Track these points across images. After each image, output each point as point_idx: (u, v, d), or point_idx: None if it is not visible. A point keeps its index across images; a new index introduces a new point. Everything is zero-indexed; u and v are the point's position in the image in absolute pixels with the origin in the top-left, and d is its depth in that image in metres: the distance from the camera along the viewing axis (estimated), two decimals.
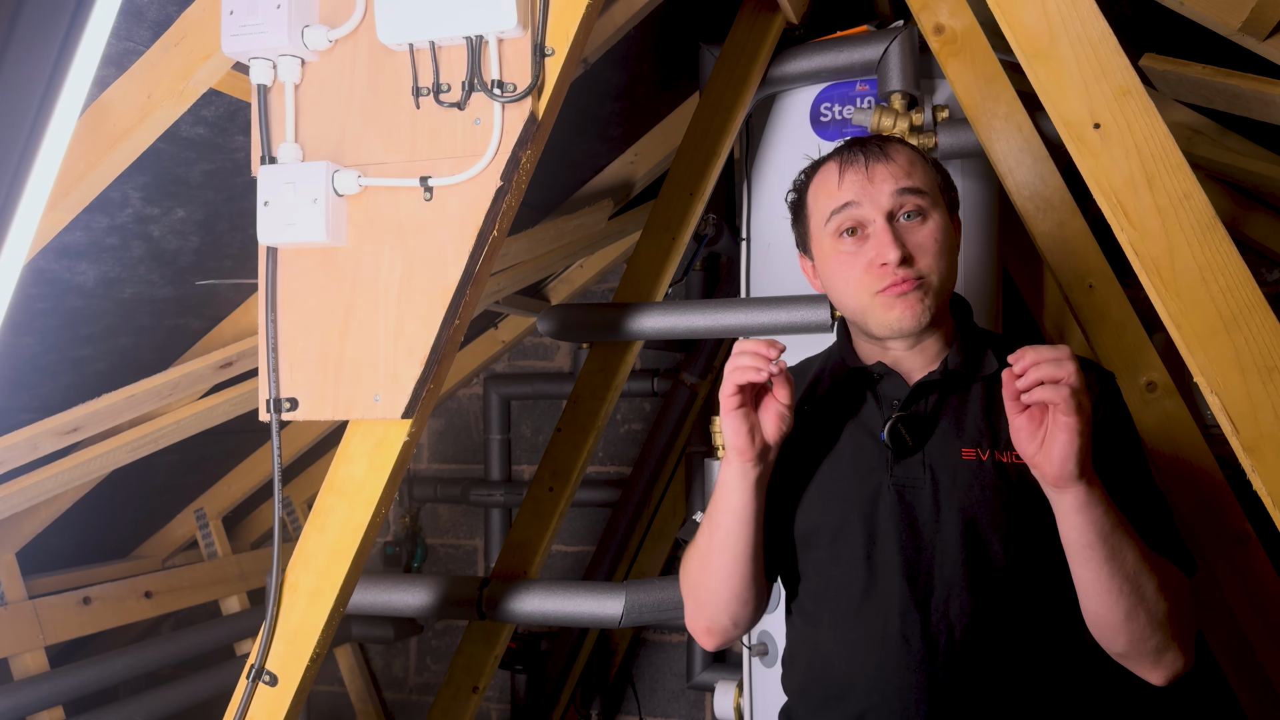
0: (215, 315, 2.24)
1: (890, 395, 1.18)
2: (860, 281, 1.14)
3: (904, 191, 1.13)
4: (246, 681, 1.33)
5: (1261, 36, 1.57)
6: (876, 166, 1.15)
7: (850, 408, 1.21)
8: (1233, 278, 1.26)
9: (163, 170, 1.74)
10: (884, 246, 1.11)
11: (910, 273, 1.11)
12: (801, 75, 2.14)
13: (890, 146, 1.18)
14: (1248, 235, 2.67)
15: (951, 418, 1.16)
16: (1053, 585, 1.12)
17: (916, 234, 1.13)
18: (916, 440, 1.14)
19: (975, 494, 1.11)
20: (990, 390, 1.17)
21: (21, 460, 2.01)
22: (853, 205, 1.14)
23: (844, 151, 1.19)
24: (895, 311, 1.12)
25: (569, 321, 2.14)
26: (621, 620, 1.87)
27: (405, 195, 1.32)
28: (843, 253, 1.16)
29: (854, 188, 1.15)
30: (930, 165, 1.21)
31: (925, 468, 1.13)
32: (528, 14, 1.27)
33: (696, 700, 3.39)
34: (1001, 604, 1.11)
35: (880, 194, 1.14)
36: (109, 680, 2.57)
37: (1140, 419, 1.75)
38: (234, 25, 1.32)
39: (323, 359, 1.33)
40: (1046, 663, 1.13)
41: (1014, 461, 1.11)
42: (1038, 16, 1.36)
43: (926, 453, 1.14)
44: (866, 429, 1.18)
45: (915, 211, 1.14)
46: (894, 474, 1.14)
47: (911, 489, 1.13)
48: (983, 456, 1.12)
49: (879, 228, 1.13)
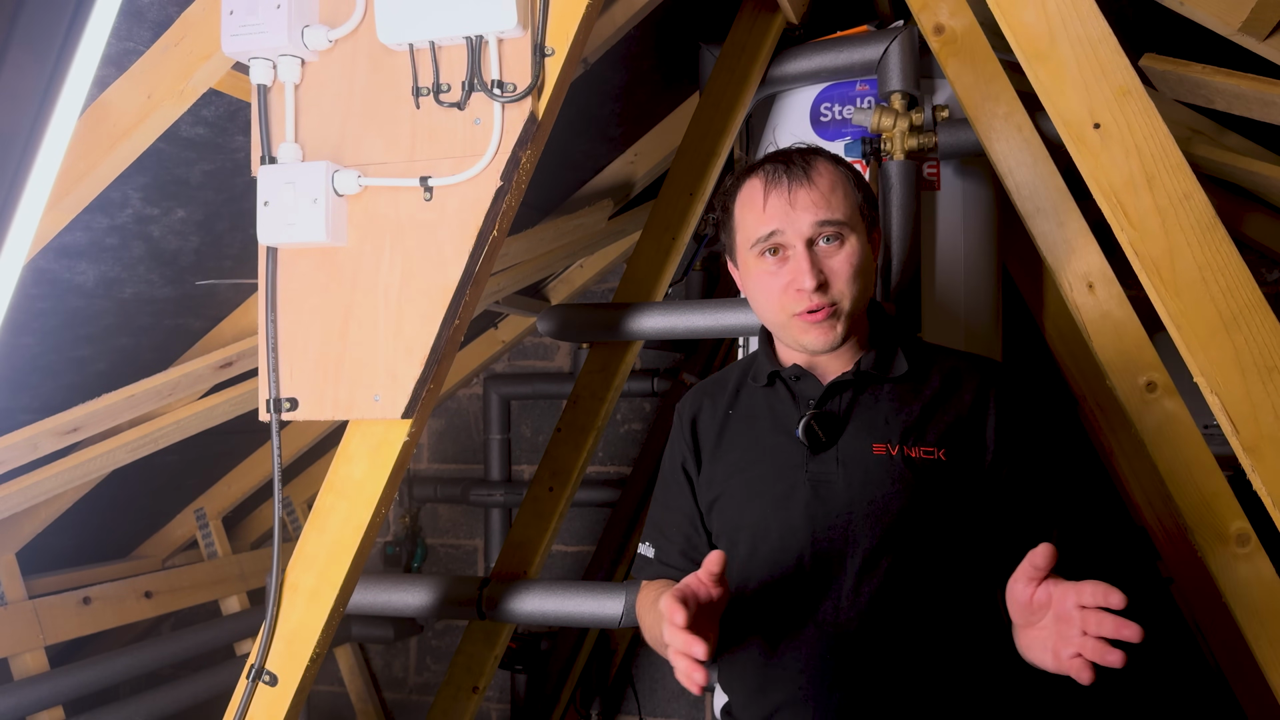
0: (215, 315, 2.24)
1: (806, 395, 1.26)
2: (779, 300, 1.22)
3: (823, 223, 1.20)
4: (246, 681, 1.33)
5: (1261, 36, 1.57)
6: (799, 193, 1.21)
7: (770, 410, 1.29)
8: (1233, 278, 1.26)
9: (163, 170, 1.74)
10: (801, 274, 1.19)
11: (824, 299, 1.19)
12: (801, 75, 2.14)
13: (814, 169, 1.23)
14: (1248, 235, 2.67)
15: (863, 416, 1.23)
16: (960, 574, 1.20)
17: (833, 259, 1.20)
18: (830, 436, 1.21)
19: (885, 487, 1.18)
20: (900, 390, 1.24)
21: (21, 460, 2.01)
22: (776, 233, 1.21)
23: (769, 170, 1.24)
24: (809, 335, 1.21)
25: (569, 321, 2.14)
26: (621, 620, 1.87)
27: (405, 195, 1.32)
28: (764, 271, 1.23)
29: (777, 215, 1.21)
30: (852, 186, 1.25)
31: (838, 463, 1.21)
32: (528, 14, 1.27)
33: (696, 700, 3.40)
34: (910, 592, 1.17)
35: (801, 222, 1.20)
36: (109, 680, 2.57)
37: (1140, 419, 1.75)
38: (234, 25, 1.32)
39: (323, 359, 1.33)
40: (955, 649, 1.19)
41: (921, 456, 1.19)
42: (1038, 16, 1.36)
43: (839, 448, 1.21)
44: (784, 428, 1.25)
45: (833, 236, 1.21)
46: (809, 469, 1.21)
47: (825, 483, 1.21)
48: (892, 451, 1.19)
49: (799, 253, 1.20)
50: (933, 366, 1.26)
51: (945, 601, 1.19)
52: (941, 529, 1.18)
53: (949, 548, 1.19)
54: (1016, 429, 1.22)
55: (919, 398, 1.23)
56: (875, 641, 1.16)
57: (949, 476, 1.19)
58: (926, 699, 1.17)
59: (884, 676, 1.16)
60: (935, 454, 1.19)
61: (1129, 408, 1.76)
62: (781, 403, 1.27)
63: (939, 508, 1.18)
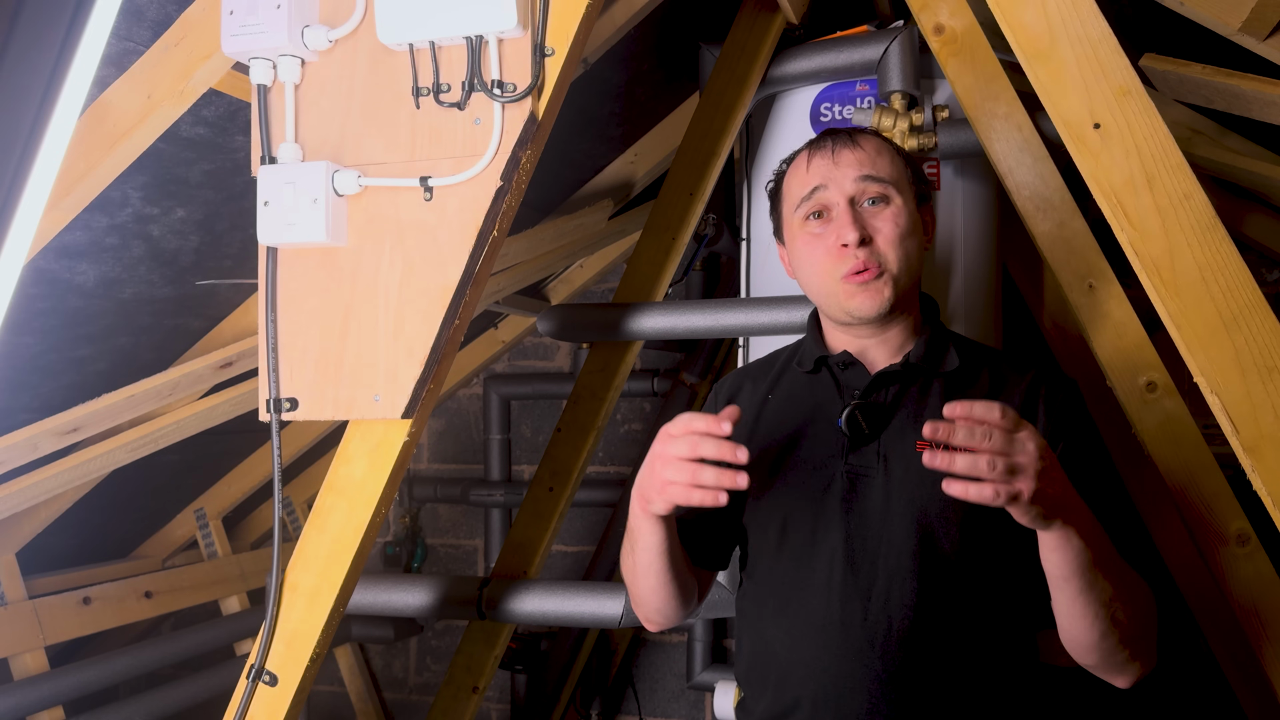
0: (215, 315, 2.24)
1: (852, 385, 1.22)
2: (824, 265, 1.19)
3: (866, 178, 1.18)
4: (246, 681, 1.33)
5: (1261, 36, 1.57)
6: (842, 152, 1.20)
7: (813, 397, 1.25)
8: (1233, 278, 1.26)
9: (163, 170, 1.74)
10: (843, 227, 1.17)
11: (869, 256, 1.16)
12: (801, 75, 2.14)
13: (860, 135, 1.23)
14: (1248, 235, 2.67)
15: (910, 410, 1.18)
16: (999, 581, 1.14)
17: (877, 218, 1.18)
18: (873, 429, 1.17)
19: (927, 486, 1.13)
20: (950, 385, 1.19)
21: (21, 460, 2.01)
22: (819, 189, 1.20)
23: (816, 140, 1.25)
24: (856, 300, 1.17)
25: (569, 321, 2.14)
26: (621, 620, 1.87)
27: (405, 195, 1.32)
28: (809, 234, 1.21)
29: (820, 172, 1.20)
30: (900, 157, 1.24)
31: (879, 457, 1.16)
32: (528, 14, 1.27)
33: (696, 700, 3.39)
34: (945, 597, 1.12)
35: (844, 178, 1.19)
36: (109, 680, 2.57)
37: (1140, 419, 1.75)
38: (234, 25, 1.32)
39: (323, 359, 1.33)
40: (987, 656, 1.14)
41: None
42: (1038, 16, 1.36)
43: (882, 442, 1.17)
44: (827, 417, 1.21)
45: (878, 198, 1.19)
46: (848, 461, 1.17)
47: (864, 477, 1.16)
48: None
49: (841, 210, 1.18)
50: (981, 364, 1.22)
51: (984, 610, 1.14)
52: (980, 534, 1.12)
53: (985, 554, 1.13)
54: (1063, 433, 1.16)
55: (972, 395, 1.17)
56: (903, 649, 1.11)
57: None
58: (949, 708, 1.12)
59: (911, 686, 1.11)
60: None
61: (1129, 408, 1.76)
62: (825, 390, 1.23)
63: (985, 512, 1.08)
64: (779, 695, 1.19)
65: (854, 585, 1.13)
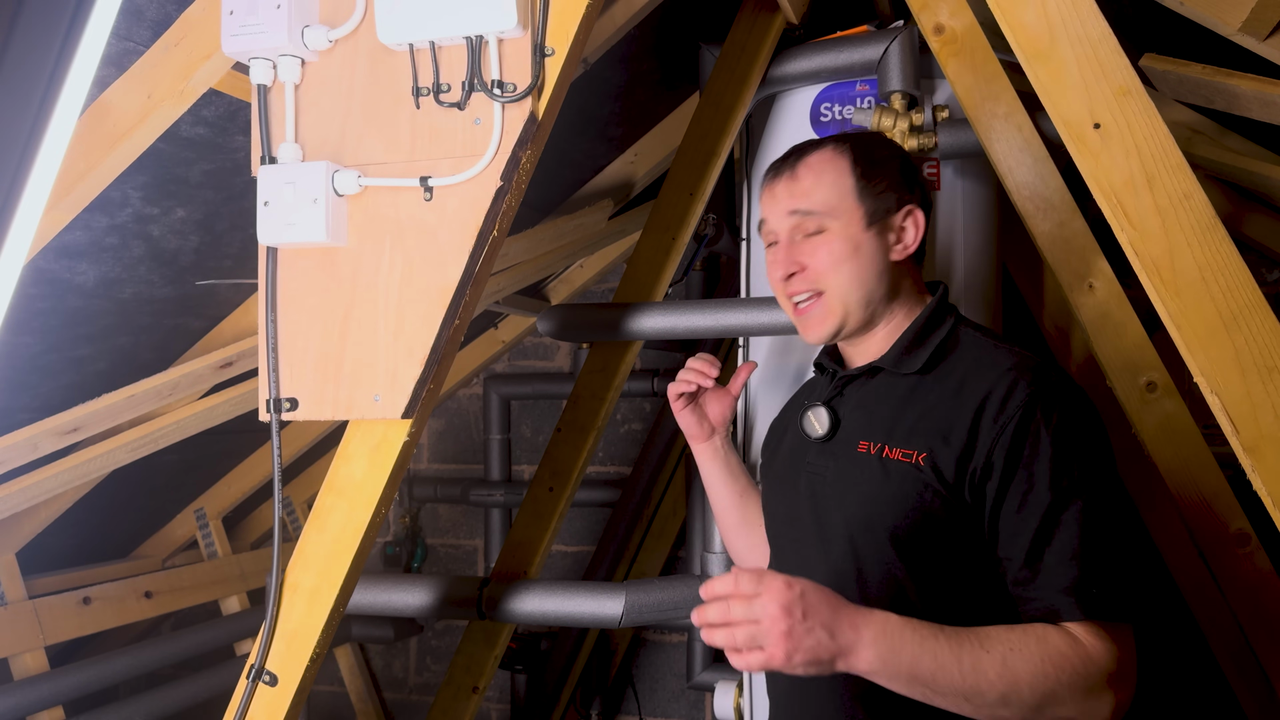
0: (215, 315, 2.24)
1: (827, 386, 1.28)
2: (780, 291, 1.26)
3: (795, 213, 1.22)
4: (246, 681, 1.33)
5: (1261, 36, 1.57)
6: (777, 185, 1.25)
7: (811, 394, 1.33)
8: (1233, 278, 1.26)
9: (163, 170, 1.74)
10: (773, 265, 1.24)
11: (801, 287, 1.20)
12: (801, 75, 2.14)
13: (803, 159, 1.23)
14: (1248, 235, 2.67)
15: (865, 410, 1.21)
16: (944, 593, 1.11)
17: (806, 249, 1.22)
18: (830, 432, 1.21)
19: (860, 487, 1.15)
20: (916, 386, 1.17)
21: (21, 460, 2.01)
22: (764, 222, 1.27)
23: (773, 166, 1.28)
24: (802, 329, 1.25)
25: (569, 321, 2.14)
26: (621, 620, 1.87)
27: (405, 195, 1.32)
28: (770, 261, 1.27)
29: (764, 205, 1.27)
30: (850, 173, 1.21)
31: (832, 458, 1.20)
32: (528, 14, 1.27)
33: (696, 700, 3.39)
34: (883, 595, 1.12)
35: (779, 213, 1.24)
36: (109, 680, 2.57)
37: (1140, 419, 1.75)
38: (234, 25, 1.32)
39: (323, 359, 1.33)
40: None
41: (899, 458, 1.11)
42: (1038, 16, 1.36)
43: (835, 444, 1.21)
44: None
45: (811, 230, 1.21)
46: (808, 460, 1.23)
47: (819, 476, 1.20)
48: (873, 450, 1.16)
49: (780, 245, 1.24)
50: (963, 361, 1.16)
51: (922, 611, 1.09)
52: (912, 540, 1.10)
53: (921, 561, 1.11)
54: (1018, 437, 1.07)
55: (927, 397, 1.14)
56: None
57: (923, 483, 1.09)
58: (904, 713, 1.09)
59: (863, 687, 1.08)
60: (914, 457, 1.10)
61: (1129, 408, 1.76)
62: (818, 392, 1.31)
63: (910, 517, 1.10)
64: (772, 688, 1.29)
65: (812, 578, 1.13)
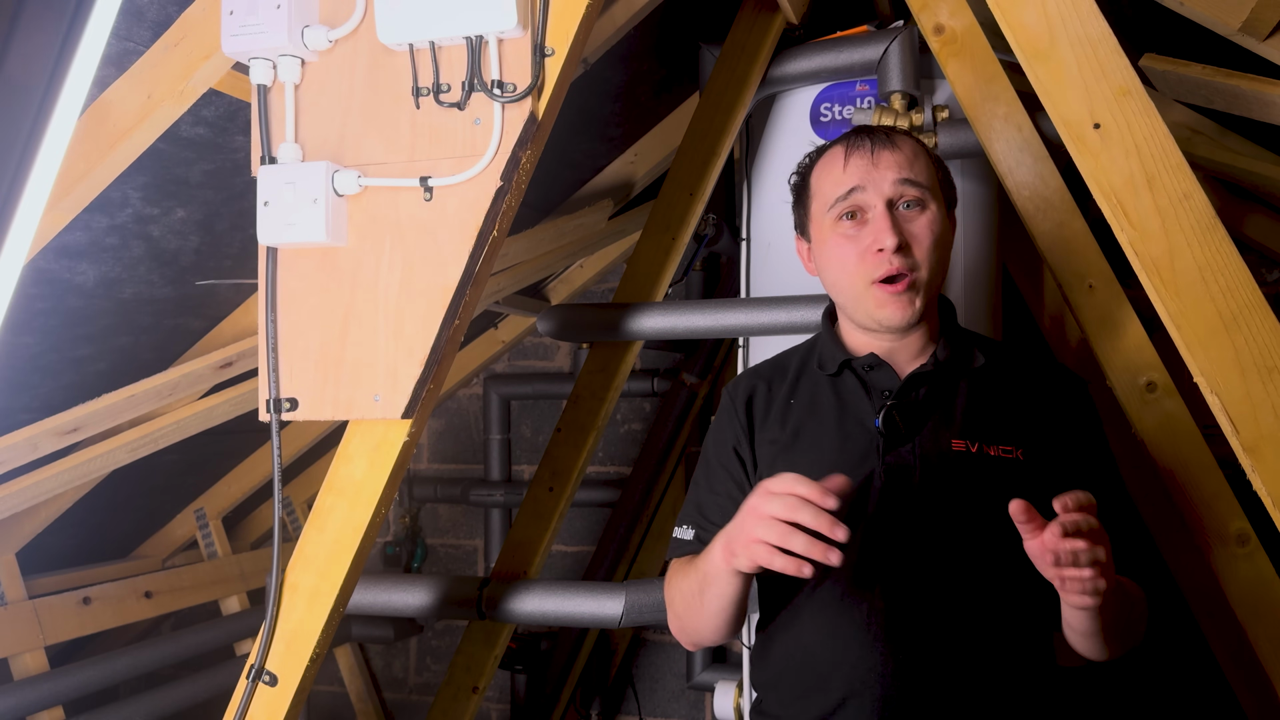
0: (215, 315, 2.24)
1: (881, 385, 1.21)
2: (855, 268, 1.17)
3: (905, 181, 1.16)
4: (246, 681, 1.33)
5: (1261, 36, 1.57)
6: (882, 153, 1.18)
7: (838, 400, 1.23)
8: (1233, 278, 1.26)
9: (163, 170, 1.74)
10: (882, 232, 1.14)
11: (905, 264, 1.14)
12: (801, 75, 2.14)
13: (898, 135, 1.22)
14: (1248, 235, 2.67)
15: (941, 410, 1.18)
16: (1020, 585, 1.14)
17: (914, 223, 1.17)
18: (909, 429, 1.17)
19: (963, 485, 1.14)
20: (976, 385, 1.20)
21: (21, 460, 2.01)
22: (856, 190, 1.17)
23: (851, 137, 1.22)
24: (887, 309, 1.16)
25: (569, 321, 2.14)
26: (621, 620, 1.87)
27: (405, 195, 1.32)
28: (841, 235, 1.19)
29: (858, 173, 1.17)
30: (932, 160, 1.24)
31: (915, 456, 1.16)
32: (528, 14, 1.27)
33: (696, 700, 3.39)
34: (982, 595, 1.14)
35: (883, 180, 1.16)
36: (109, 680, 2.57)
37: (1140, 419, 1.75)
38: (234, 25, 1.32)
39: (323, 359, 1.33)
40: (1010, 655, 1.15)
41: (1001, 455, 1.15)
42: (1038, 16, 1.36)
43: (917, 442, 1.16)
44: (855, 419, 1.20)
45: (915, 202, 1.17)
46: (885, 462, 1.16)
47: (901, 477, 1.16)
48: (972, 449, 1.15)
49: (879, 213, 1.16)
50: (1002, 360, 1.24)
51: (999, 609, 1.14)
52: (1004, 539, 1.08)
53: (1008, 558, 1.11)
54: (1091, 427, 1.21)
55: (998, 394, 1.19)
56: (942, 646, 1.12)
57: (1027, 476, 1.14)
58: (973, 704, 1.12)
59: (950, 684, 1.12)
60: (1015, 453, 1.15)
61: (1129, 408, 1.76)
62: (852, 393, 1.22)
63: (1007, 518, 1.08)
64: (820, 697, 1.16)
65: (897, 584, 1.13)
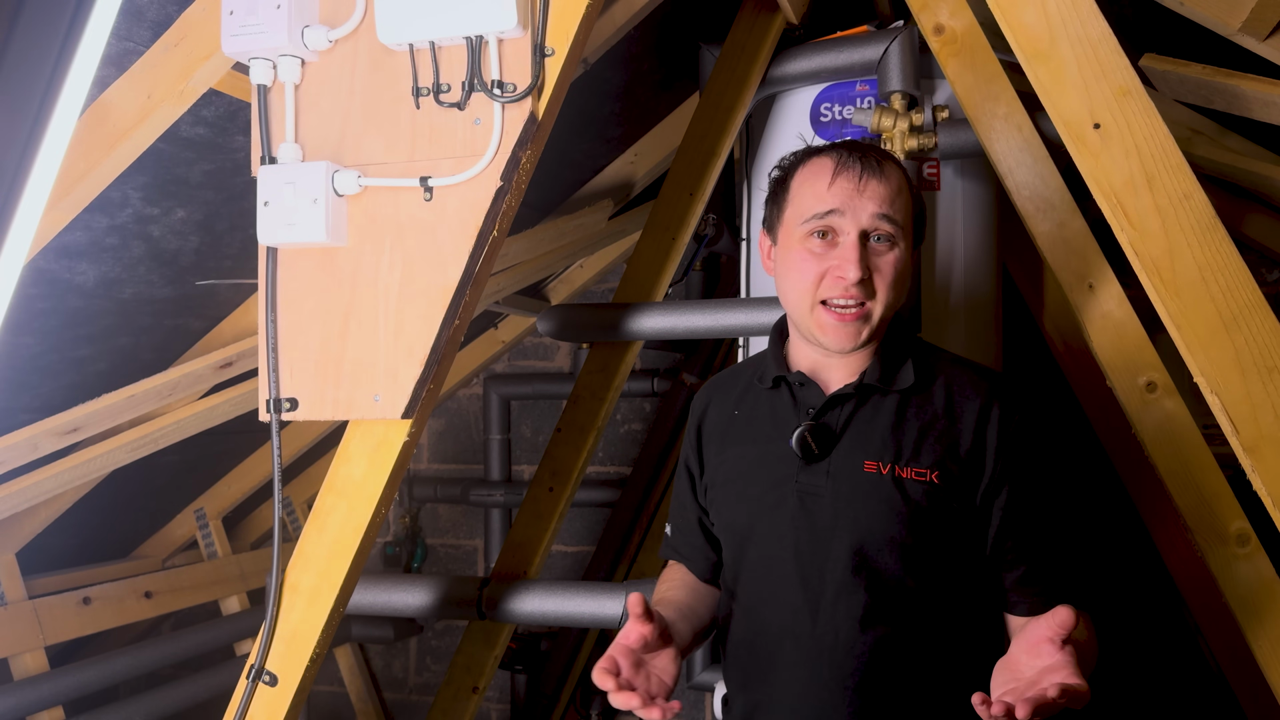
0: (215, 315, 2.24)
1: (806, 404, 1.23)
2: (813, 284, 1.18)
3: (883, 217, 1.16)
4: (246, 681, 1.33)
5: (1261, 36, 1.57)
6: (869, 182, 1.17)
7: (772, 414, 1.26)
8: (1233, 278, 1.26)
9: (163, 170, 1.74)
10: (848, 263, 1.15)
11: (861, 295, 1.16)
12: (801, 75, 2.14)
13: (886, 165, 1.20)
14: (1248, 235, 2.67)
15: (860, 429, 1.19)
16: (950, 597, 1.16)
17: (881, 258, 1.17)
18: (823, 449, 1.18)
19: (871, 505, 1.15)
20: (904, 405, 1.20)
21: (21, 460, 2.01)
22: (835, 213, 1.17)
23: (842, 153, 1.21)
24: (830, 334, 1.17)
25: (569, 321, 2.14)
26: (621, 620, 1.87)
27: (405, 195, 1.32)
28: (808, 250, 1.19)
29: (841, 195, 1.17)
30: (912, 198, 1.23)
31: (828, 476, 1.18)
32: (528, 14, 1.27)
33: (696, 700, 3.39)
34: (889, 612, 1.15)
35: (863, 211, 1.16)
36: (109, 680, 2.57)
37: (1140, 419, 1.75)
38: (234, 25, 1.32)
39: (322, 359, 1.33)
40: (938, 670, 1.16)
41: (913, 477, 1.15)
42: (1038, 16, 1.36)
43: (831, 461, 1.18)
44: (783, 435, 1.22)
45: (886, 237, 1.17)
46: (799, 480, 1.19)
47: (813, 496, 1.18)
48: (883, 470, 1.16)
49: (850, 243, 1.16)
50: (938, 378, 1.22)
51: (932, 626, 1.16)
52: (924, 552, 1.15)
53: (931, 570, 1.16)
54: (1017, 450, 1.17)
55: (920, 414, 1.19)
56: (850, 661, 1.14)
57: (939, 500, 1.15)
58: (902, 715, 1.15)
59: (860, 697, 1.14)
60: (928, 476, 1.15)
61: (1129, 408, 1.76)
62: (784, 408, 1.24)
63: (924, 531, 1.14)
64: (743, 696, 1.25)
65: (804, 599, 1.17)
